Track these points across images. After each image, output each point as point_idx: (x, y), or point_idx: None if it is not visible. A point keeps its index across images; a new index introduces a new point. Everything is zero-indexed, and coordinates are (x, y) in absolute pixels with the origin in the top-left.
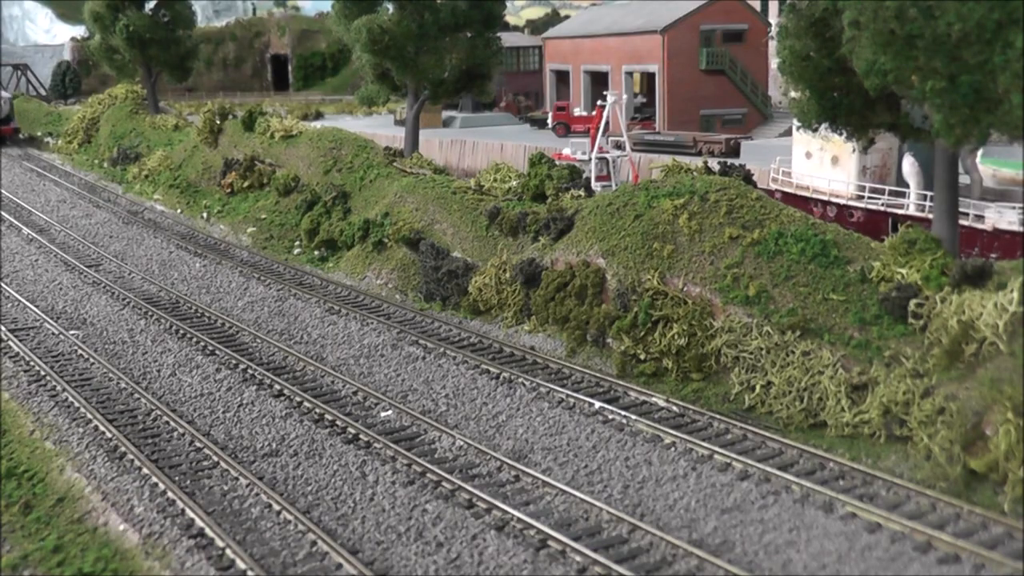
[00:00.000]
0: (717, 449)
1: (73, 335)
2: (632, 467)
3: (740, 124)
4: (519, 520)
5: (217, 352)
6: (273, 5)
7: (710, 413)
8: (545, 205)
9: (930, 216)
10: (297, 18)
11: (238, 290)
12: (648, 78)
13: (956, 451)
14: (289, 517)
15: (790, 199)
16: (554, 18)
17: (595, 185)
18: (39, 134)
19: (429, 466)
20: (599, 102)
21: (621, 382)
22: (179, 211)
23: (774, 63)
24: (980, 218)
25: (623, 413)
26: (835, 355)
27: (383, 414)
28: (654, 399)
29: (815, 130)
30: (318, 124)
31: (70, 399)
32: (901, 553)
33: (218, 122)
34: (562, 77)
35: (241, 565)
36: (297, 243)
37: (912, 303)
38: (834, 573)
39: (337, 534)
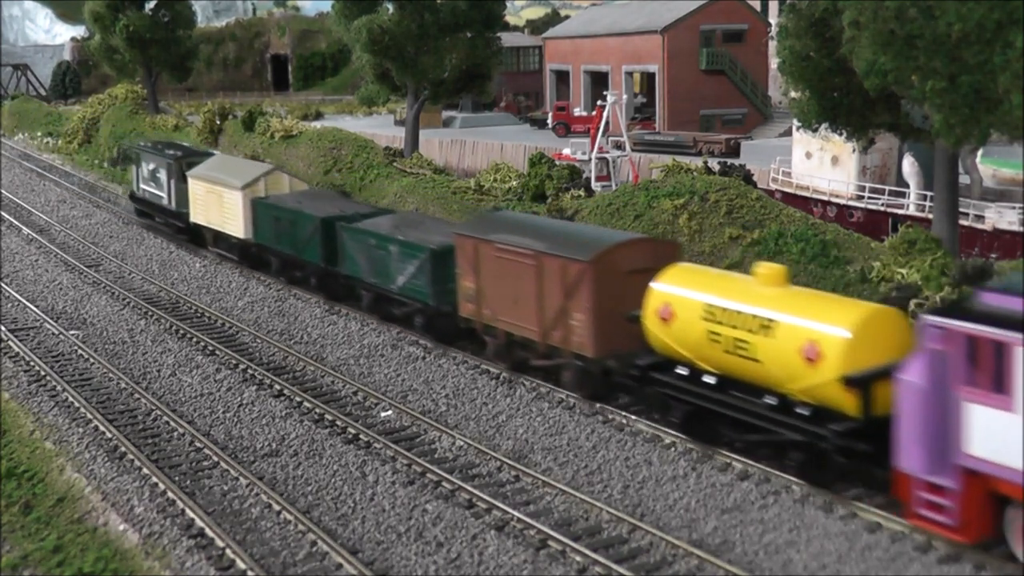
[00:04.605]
0: (717, 449)
1: (73, 335)
2: (632, 467)
3: (740, 124)
4: (519, 520)
5: (217, 352)
6: (273, 5)
7: None
8: (545, 205)
9: (930, 216)
10: (297, 18)
11: (238, 290)
12: (648, 78)
13: None
14: (289, 517)
15: (790, 199)
16: (554, 18)
17: (595, 185)
18: None
19: (429, 466)
20: (599, 102)
21: None
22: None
23: (774, 63)
24: (980, 218)
25: (623, 413)
26: None
27: (383, 414)
28: None
29: (815, 130)
30: (318, 124)
31: (70, 399)
32: (901, 553)
33: (218, 122)
34: (562, 77)
35: (241, 565)
36: None
37: (912, 303)
38: (834, 573)
39: (337, 534)
